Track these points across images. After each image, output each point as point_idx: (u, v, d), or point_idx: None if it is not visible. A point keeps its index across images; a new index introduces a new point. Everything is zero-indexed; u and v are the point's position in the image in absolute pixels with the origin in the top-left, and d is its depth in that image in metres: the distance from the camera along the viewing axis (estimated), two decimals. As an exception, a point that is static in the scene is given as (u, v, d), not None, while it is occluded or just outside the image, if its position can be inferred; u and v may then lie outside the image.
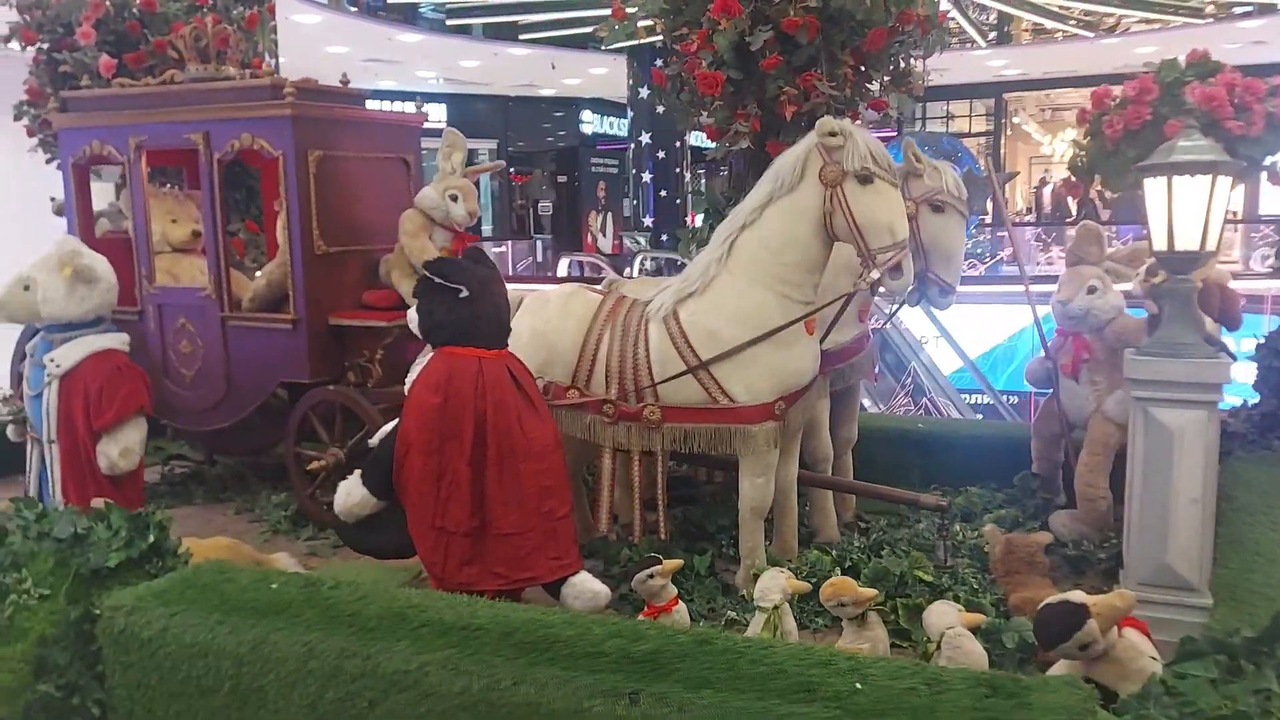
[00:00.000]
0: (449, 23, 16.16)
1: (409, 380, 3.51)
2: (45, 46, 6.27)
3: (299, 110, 4.81)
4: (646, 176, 20.52)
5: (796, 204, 3.72)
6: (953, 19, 16.82)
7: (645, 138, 20.23)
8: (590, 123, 28.36)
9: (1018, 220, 22.83)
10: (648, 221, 20.50)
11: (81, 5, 6.11)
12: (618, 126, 29.39)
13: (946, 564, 3.89)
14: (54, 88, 6.17)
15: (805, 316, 3.76)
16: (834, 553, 4.06)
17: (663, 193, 20.36)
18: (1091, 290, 4.20)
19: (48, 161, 6.59)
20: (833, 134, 3.65)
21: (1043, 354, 4.53)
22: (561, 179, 27.02)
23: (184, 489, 5.69)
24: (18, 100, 6.39)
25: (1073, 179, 4.56)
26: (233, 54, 5.39)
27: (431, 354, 3.53)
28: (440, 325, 3.48)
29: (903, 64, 4.52)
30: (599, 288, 4.25)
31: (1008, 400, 9.10)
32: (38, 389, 4.24)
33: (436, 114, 21.47)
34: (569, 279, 13.91)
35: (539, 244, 24.17)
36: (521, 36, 16.69)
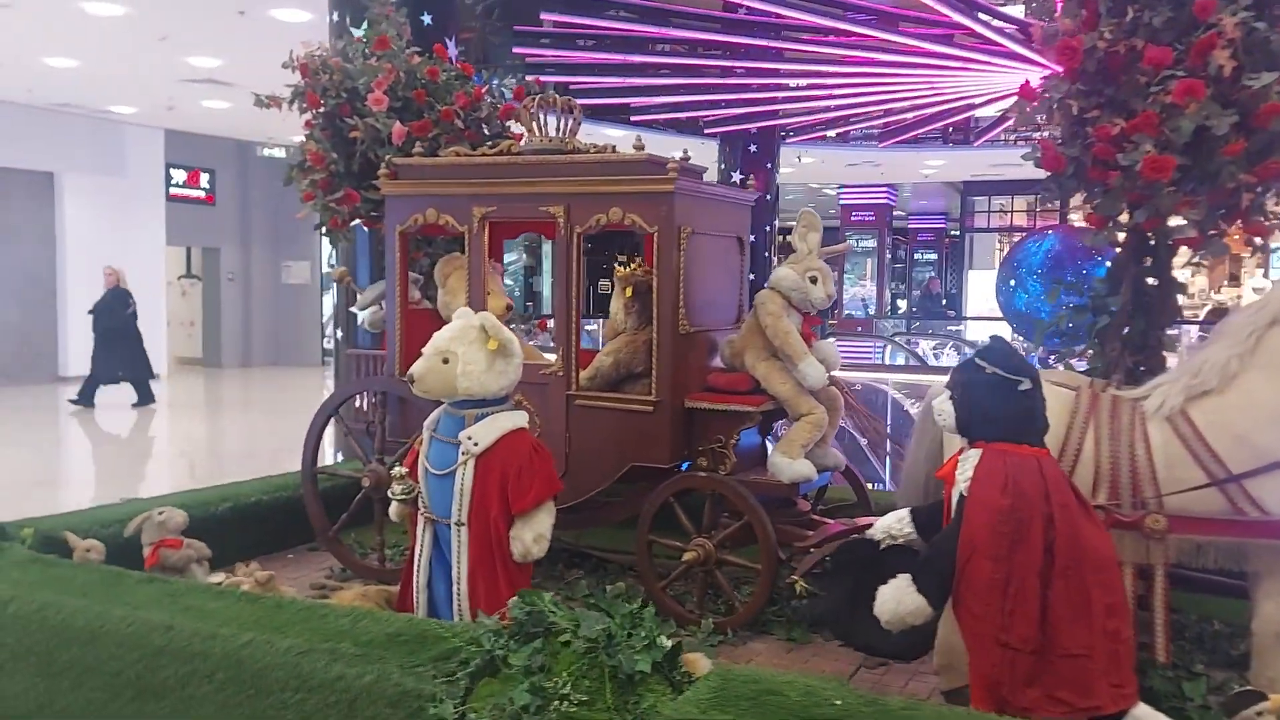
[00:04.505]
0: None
1: (961, 479, 3.21)
2: (324, 111, 6.12)
3: (679, 186, 4.62)
4: (736, 259, 20.43)
5: None
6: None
7: (736, 220, 20.20)
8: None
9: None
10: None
11: (375, 71, 5.98)
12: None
13: None
14: (338, 153, 6.02)
15: None
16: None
17: (751, 276, 20.26)
18: None
19: (315, 227, 6.40)
20: None
21: None
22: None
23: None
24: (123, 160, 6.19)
25: None
26: (573, 126, 5.23)
27: (974, 452, 3.24)
28: (991, 419, 3.21)
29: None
30: (1062, 381, 3.98)
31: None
32: (443, 468, 3.95)
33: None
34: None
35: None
36: (634, 118, 16.74)
